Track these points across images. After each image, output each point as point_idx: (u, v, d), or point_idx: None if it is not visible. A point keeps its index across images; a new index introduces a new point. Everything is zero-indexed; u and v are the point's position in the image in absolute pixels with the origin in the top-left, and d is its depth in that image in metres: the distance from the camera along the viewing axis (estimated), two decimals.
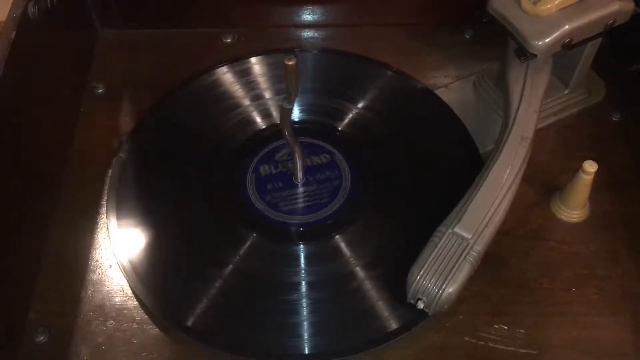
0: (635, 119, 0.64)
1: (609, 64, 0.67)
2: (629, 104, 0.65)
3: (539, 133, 0.62)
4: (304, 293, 0.53)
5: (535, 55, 0.55)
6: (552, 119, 0.64)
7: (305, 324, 0.51)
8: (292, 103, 0.50)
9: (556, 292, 0.54)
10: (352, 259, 0.54)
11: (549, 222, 0.58)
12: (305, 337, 0.50)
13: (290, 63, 0.47)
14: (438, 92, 0.65)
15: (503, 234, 0.55)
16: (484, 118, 0.63)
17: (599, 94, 0.66)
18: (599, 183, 0.58)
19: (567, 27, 0.55)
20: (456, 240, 0.50)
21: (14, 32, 0.53)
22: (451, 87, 0.66)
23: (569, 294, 0.54)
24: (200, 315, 0.51)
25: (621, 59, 0.67)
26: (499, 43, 0.61)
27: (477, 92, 0.66)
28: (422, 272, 0.49)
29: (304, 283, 0.53)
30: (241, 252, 0.55)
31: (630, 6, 0.57)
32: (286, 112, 0.51)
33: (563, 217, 0.58)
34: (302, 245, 0.55)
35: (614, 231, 0.57)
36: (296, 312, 0.52)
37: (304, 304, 0.52)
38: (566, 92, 0.64)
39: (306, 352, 0.50)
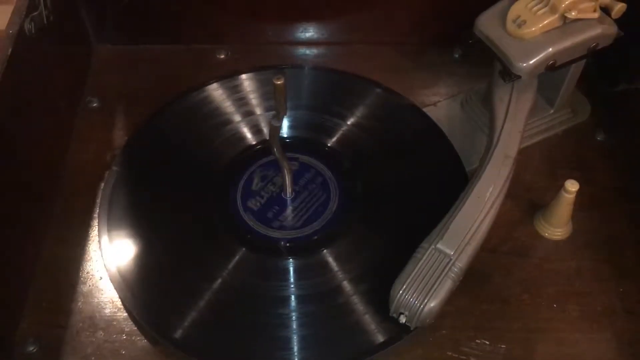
0: (619, 139, 0.65)
1: (595, 84, 0.68)
2: (614, 124, 0.66)
3: (524, 151, 0.63)
4: (291, 307, 0.53)
5: (519, 77, 0.57)
6: (538, 138, 0.65)
7: (293, 338, 0.52)
8: (280, 121, 0.51)
9: (538, 308, 0.55)
10: (339, 273, 0.55)
11: (533, 239, 0.59)
12: (293, 351, 0.51)
13: (279, 82, 0.48)
14: (426, 109, 0.66)
15: (487, 250, 0.57)
16: (471, 136, 0.65)
17: (584, 114, 0.67)
18: (582, 201, 0.60)
19: (550, 49, 0.56)
20: (438, 256, 0.51)
21: (11, 48, 0.54)
22: (439, 105, 0.68)
23: (550, 310, 0.55)
24: (189, 328, 0.52)
25: (607, 80, 0.68)
26: (487, 63, 0.62)
27: (464, 110, 0.67)
28: (404, 287, 0.50)
29: (292, 297, 0.54)
30: (230, 266, 0.55)
31: (612, 30, 0.58)
32: (275, 130, 0.53)
33: (546, 234, 0.59)
34: (290, 260, 0.56)
35: (596, 249, 0.58)
36: (283, 325, 0.52)
37: (292, 318, 0.53)
38: (551, 111, 0.66)
39: None
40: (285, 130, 0.64)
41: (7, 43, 0.55)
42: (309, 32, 0.74)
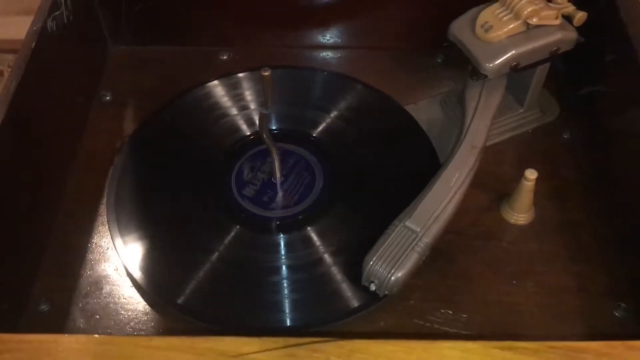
0: (583, 138, 0.71)
1: (564, 87, 0.74)
2: (579, 124, 0.72)
3: (496, 147, 0.69)
4: (278, 277, 0.60)
5: (486, 76, 0.63)
6: (509, 135, 0.71)
7: (273, 302, 0.58)
8: (268, 108, 0.58)
9: (498, 284, 0.60)
10: (321, 247, 0.61)
11: (498, 224, 0.64)
12: (272, 313, 0.58)
13: (266, 74, 0.55)
14: (407, 108, 0.72)
15: (456, 233, 0.63)
16: (448, 132, 0.70)
17: (552, 114, 0.73)
18: (548, 192, 0.66)
19: (513, 52, 0.62)
20: (407, 232, 0.57)
21: (34, 44, 0.61)
22: (420, 104, 0.74)
23: (510, 286, 0.60)
24: (188, 294, 0.58)
25: (575, 83, 0.74)
26: (465, 67, 0.68)
27: (443, 109, 0.73)
28: (374, 259, 0.56)
29: (283, 267, 0.60)
30: (226, 241, 0.62)
31: (572, 35, 0.64)
32: (263, 117, 0.59)
33: (511, 220, 0.65)
34: (278, 236, 0.62)
35: (556, 235, 0.64)
36: (274, 291, 0.59)
37: (278, 286, 0.59)
38: (521, 111, 0.71)
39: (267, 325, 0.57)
40: (274, 123, 0.70)
41: (31, 39, 0.61)
42: (306, 36, 0.80)
